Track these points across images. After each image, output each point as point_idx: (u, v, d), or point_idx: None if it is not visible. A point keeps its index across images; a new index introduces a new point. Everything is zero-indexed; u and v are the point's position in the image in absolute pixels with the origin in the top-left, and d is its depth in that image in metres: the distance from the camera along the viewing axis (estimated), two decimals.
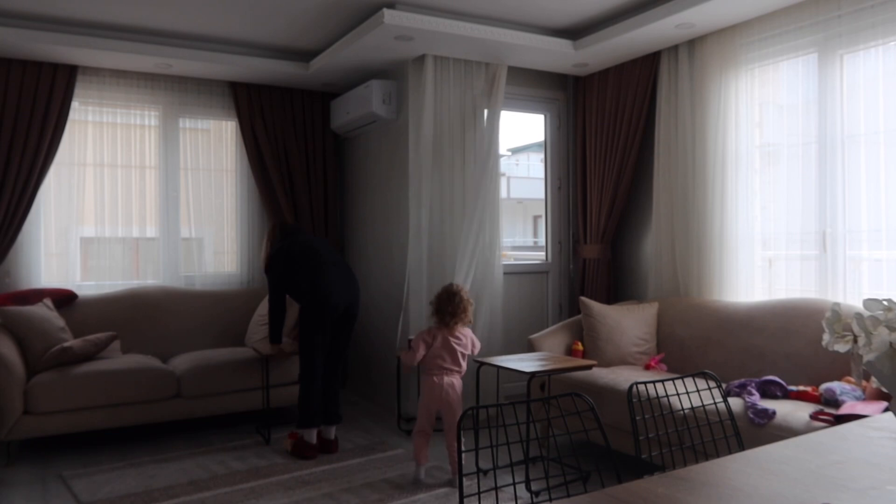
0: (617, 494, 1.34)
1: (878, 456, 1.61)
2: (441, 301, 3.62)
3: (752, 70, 4.14)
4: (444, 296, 3.62)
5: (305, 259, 4.06)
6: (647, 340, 4.24)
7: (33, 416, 3.94)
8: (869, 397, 3.00)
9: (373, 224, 5.51)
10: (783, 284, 4.03)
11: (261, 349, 4.41)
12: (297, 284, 4.04)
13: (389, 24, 4.08)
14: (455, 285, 3.69)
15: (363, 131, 5.52)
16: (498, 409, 1.91)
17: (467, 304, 3.61)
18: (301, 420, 4.01)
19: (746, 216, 4.18)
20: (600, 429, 1.91)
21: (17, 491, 3.54)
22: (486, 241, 4.80)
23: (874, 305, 1.52)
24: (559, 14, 4.38)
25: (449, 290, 3.65)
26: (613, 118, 4.98)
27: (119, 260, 5.19)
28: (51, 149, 4.78)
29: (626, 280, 5.17)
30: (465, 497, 1.80)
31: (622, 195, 4.94)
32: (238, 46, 4.98)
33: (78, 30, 4.47)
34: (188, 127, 5.45)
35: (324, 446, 4.08)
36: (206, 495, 3.44)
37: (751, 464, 1.55)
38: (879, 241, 3.56)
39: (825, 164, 3.74)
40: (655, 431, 2.28)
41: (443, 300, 3.61)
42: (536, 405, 4.04)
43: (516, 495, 2.24)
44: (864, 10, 3.52)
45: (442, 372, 3.56)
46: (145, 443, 4.33)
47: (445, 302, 3.60)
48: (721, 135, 4.25)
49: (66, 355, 4.12)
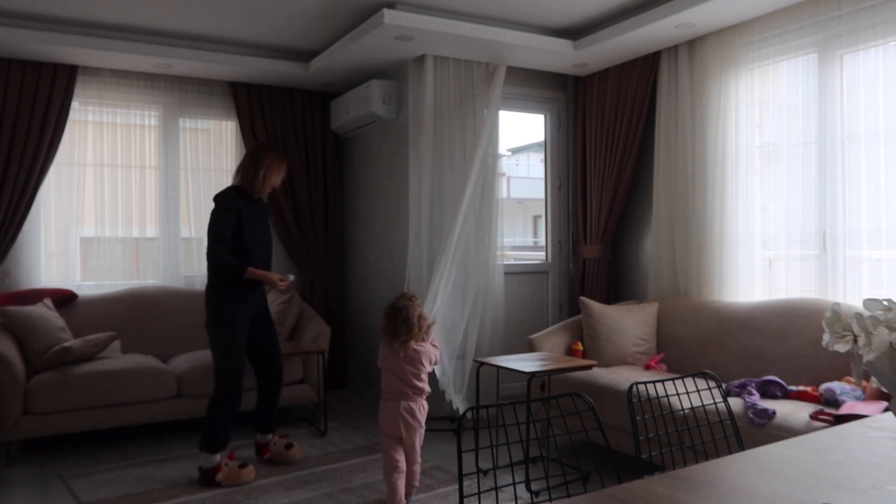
0: (617, 494, 1.34)
1: (878, 456, 1.61)
2: (385, 318, 3.19)
3: (752, 70, 4.14)
4: (387, 311, 3.19)
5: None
6: (647, 340, 4.24)
7: (33, 416, 3.94)
8: (869, 397, 3.00)
9: (373, 224, 5.51)
10: (783, 284, 4.03)
11: None
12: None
13: (389, 24, 4.08)
14: (403, 297, 3.23)
15: (363, 131, 5.52)
16: (498, 409, 1.91)
17: (413, 323, 3.14)
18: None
19: (746, 216, 4.18)
20: (600, 429, 1.91)
21: (17, 491, 3.54)
22: (486, 241, 4.80)
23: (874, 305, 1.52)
24: (559, 14, 4.38)
25: (394, 305, 3.20)
26: (613, 118, 4.98)
27: (119, 260, 5.19)
28: (51, 149, 4.78)
29: (626, 280, 5.17)
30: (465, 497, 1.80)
31: (622, 195, 4.94)
32: (238, 46, 4.98)
33: (78, 30, 4.47)
34: (188, 127, 5.45)
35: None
36: (206, 495, 3.44)
37: (751, 464, 1.55)
38: (879, 241, 3.56)
39: (825, 164, 3.74)
40: (655, 431, 2.28)
41: (387, 316, 3.18)
42: (536, 405, 4.04)
43: (516, 495, 2.24)
44: (864, 10, 3.52)
45: (398, 396, 3.16)
46: (145, 443, 4.33)
47: (388, 319, 3.17)
48: (721, 135, 4.25)
49: (66, 355, 4.12)
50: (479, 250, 4.77)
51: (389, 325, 3.16)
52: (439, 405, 4.79)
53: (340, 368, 5.88)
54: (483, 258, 4.79)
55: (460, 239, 4.63)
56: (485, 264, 4.80)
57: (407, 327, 3.13)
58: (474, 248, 4.73)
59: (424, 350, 3.19)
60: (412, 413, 3.16)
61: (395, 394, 3.16)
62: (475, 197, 4.71)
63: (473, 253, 4.73)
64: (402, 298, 3.22)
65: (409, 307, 3.17)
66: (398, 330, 3.13)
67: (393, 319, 3.15)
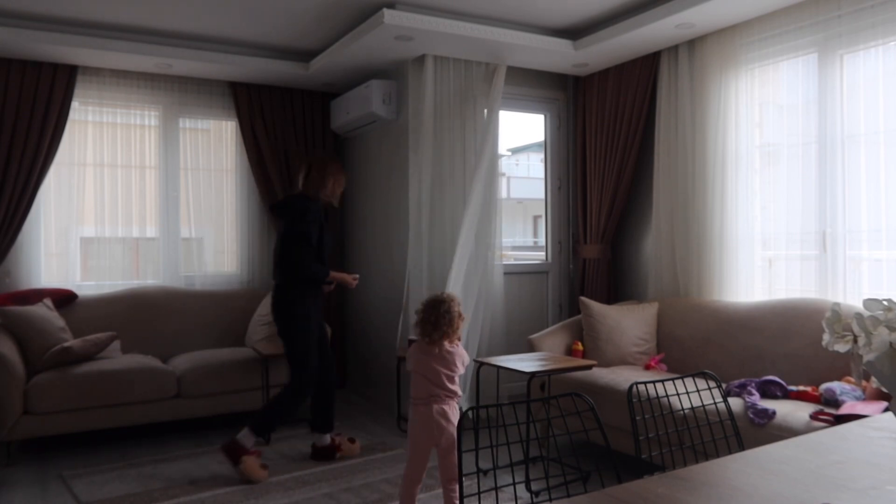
0: (617, 494, 1.34)
1: (878, 456, 1.61)
2: (426, 310, 3.02)
3: (752, 70, 4.14)
4: (429, 303, 3.04)
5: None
6: (647, 340, 4.24)
7: (33, 416, 3.94)
8: (869, 397, 3.00)
9: (373, 224, 5.51)
10: (783, 284, 4.03)
11: (262, 349, 4.42)
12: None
13: (389, 24, 4.08)
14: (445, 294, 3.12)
15: (363, 131, 5.52)
16: (498, 409, 1.91)
17: (455, 317, 3.00)
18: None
19: (746, 216, 4.18)
20: (600, 429, 1.91)
21: (17, 491, 3.54)
22: (486, 241, 4.80)
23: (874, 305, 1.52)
24: (559, 14, 4.38)
25: (437, 297, 3.07)
26: (613, 118, 4.98)
27: (119, 260, 5.19)
28: (51, 149, 4.78)
29: (626, 280, 5.17)
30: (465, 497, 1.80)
31: (622, 195, 4.94)
32: (238, 46, 4.98)
33: (78, 30, 4.47)
34: (188, 127, 5.45)
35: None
36: (206, 495, 3.44)
37: (751, 464, 1.55)
38: (879, 241, 3.56)
39: (825, 164, 3.74)
40: (655, 431, 2.28)
41: (427, 309, 3.02)
42: (536, 405, 4.04)
43: (516, 495, 2.24)
44: (864, 10, 3.52)
45: (430, 400, 2.93)
46: (145, 443, 4.33)
47: (430, 311, 3.00)
48: (721, 135, 4.25)
49: (66, 355, 4.12)
50: (481, 251, 4.76)
51: (431, 317, 2.96)
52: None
53: (340, 368, 5.87)
54: (484, 259, 4.79)
55: (467, 240, 4.63)
56: (486, 265, 4.80)
57: (449, 319, 2.96)
58: (475, 248, 4.73)
59: (458, 352, 3.04)
60: (446, 416, 2.92)
61: (426, 398, 2.93)
62: (477, 197, 4.71)
63: (475, 254, 4.72)
64: (443, 295, 3.09)
65: (452, 303, 3.03)
66: (440, 321, 2.95)
67: (435, 311, 2.97)
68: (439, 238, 4.72)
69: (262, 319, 4.93)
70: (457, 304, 3.04)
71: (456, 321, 3.00)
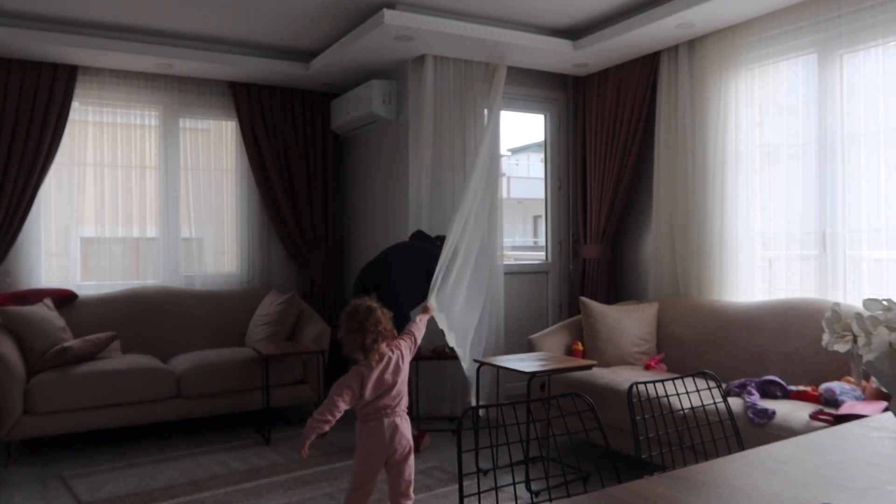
0: (617, 494, 1.34)
1: (878, 456, 1.61)
2: (346, 322, 2.60)
3: (752, 70, 4.14)
4: (346, 315, 2.62)
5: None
6: (647, 340, 4.24)
7: (33, 416, 3.94)
8: (869, 397, 3.00)
9: (373, 224, 5.51)
10: (783, 284, 4.03)
11: (262, 349, 4.41)
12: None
13: (389, 24, 4.08)
14: (360, 300, 2.68)
15: (363, 131, 5.52)
16: (498, 409, 1.91)
17: (378, 312, 2.61)
18: None
19: (746, 216, 4.18)
20: (600, 429, 1.91)
21: (17, 491, 3.54)
22: (486, 241, 4.79)
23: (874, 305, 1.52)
24: (559, 14, 4.38)
25: (350, 307, 2.65)
26: (613, 118, 4.98)
27: (119, 260, 5.19)
28: (51, 149, 4.78)
29: (626, 280, 5.17)
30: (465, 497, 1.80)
31: (622, 195, 4.94)
32: (238, 46, 4.98)
33: (78, 30, 4.47)
34: (188, 127, 5.45)
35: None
36: (206, 495, 3.44)
37: (751, 464, 1.55)
38: (879, 241, 3.56)
39: (825, 164, 3.74)
40: (655, 431, 2.28)
41: (347, 320, 2.60)
42: (536, 405, 4.03)
43: (516, 495, 2.24)
44: (864, 10, 3.52)
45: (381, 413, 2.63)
46: (145, 443, 4.33)
47: (350, 320, 2.59)
48: (721, 135, 4.25)
49: (66, 355, 4.12)
50: (482, 251, 4.75)
51: (353, 325, 2.57)
52: (438, 405, 4.79)
53: (340, 368, 5.87)
54: (484, 259, 4.77)
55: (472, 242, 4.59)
56: (486, 264, 4.79)
57: (374, 320, 2.59)
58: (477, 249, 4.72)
59: (397, 344, 2.72)
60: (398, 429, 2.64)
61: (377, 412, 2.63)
62: (478, 197, 4.70)
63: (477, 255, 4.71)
64: (359, 301, 2.67)
65: (364, 302, 2.64)
66: (365, 324, 2.57)
67: (355, 317, 2.58)
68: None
69: (262, 319, 4.93)
70: (369, 301, 2.66)
71: (379, 314, 2.61)
